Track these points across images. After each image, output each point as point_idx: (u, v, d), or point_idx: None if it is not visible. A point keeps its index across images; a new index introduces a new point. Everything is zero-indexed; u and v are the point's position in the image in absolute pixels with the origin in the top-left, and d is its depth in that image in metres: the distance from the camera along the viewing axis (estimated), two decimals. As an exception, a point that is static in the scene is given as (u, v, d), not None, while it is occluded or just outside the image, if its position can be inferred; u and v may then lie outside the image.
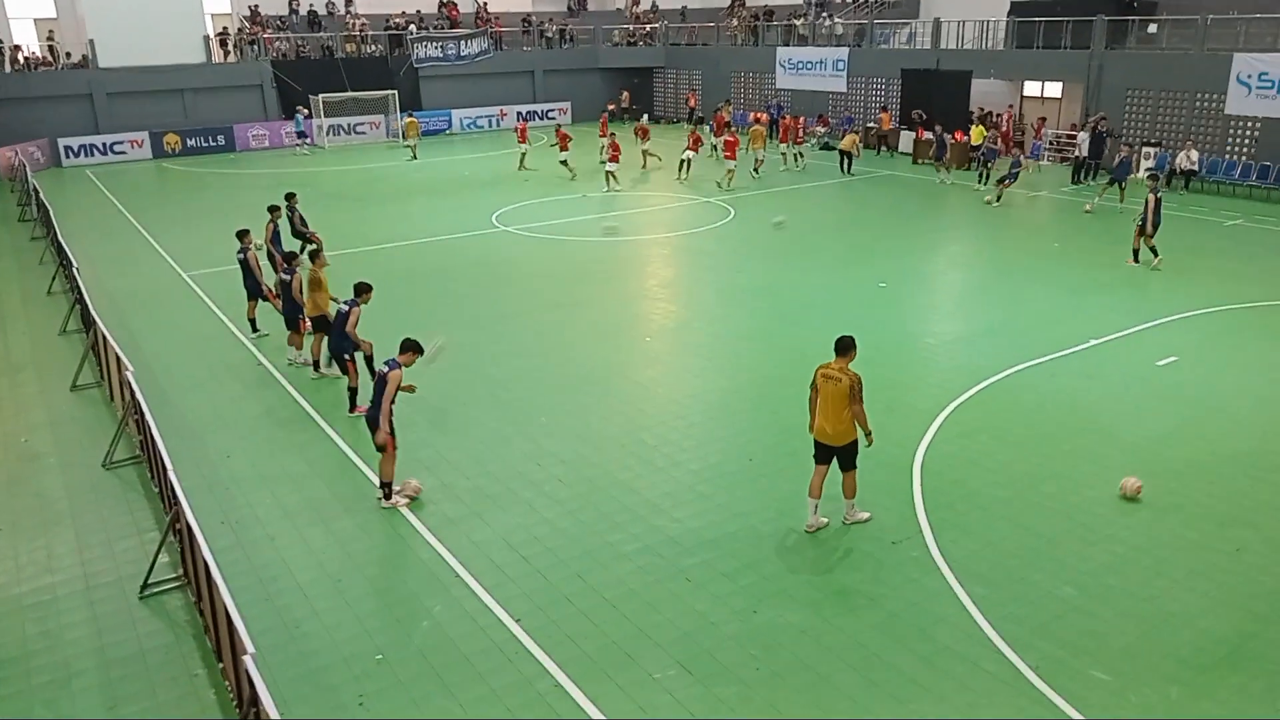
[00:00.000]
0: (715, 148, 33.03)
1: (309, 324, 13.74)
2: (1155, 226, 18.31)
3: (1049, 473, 10.50)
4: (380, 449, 9.89)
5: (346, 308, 12.16)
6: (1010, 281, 18.08)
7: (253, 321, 15.59)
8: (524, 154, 31.98)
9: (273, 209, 17.34)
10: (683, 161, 29.32)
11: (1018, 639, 7.68)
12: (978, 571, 8.63)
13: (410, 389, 10.32)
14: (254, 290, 15.25)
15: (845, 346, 9.14)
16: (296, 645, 7.85)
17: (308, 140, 38.67)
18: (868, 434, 9.14)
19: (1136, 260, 18.82)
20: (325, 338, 13.25)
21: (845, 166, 30.21)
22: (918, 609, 8.14)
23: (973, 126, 31.50)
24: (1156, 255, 18.47)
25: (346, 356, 12.34)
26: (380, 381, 9.80)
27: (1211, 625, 7.88)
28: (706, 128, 35.54)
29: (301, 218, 19.46)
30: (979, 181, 27.45)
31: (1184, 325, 15.24)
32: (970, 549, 9.01)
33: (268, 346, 15.03)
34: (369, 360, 12.75)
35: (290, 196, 19.53)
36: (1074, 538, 9.19)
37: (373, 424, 9.84)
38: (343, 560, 9.07)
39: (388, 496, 10.07)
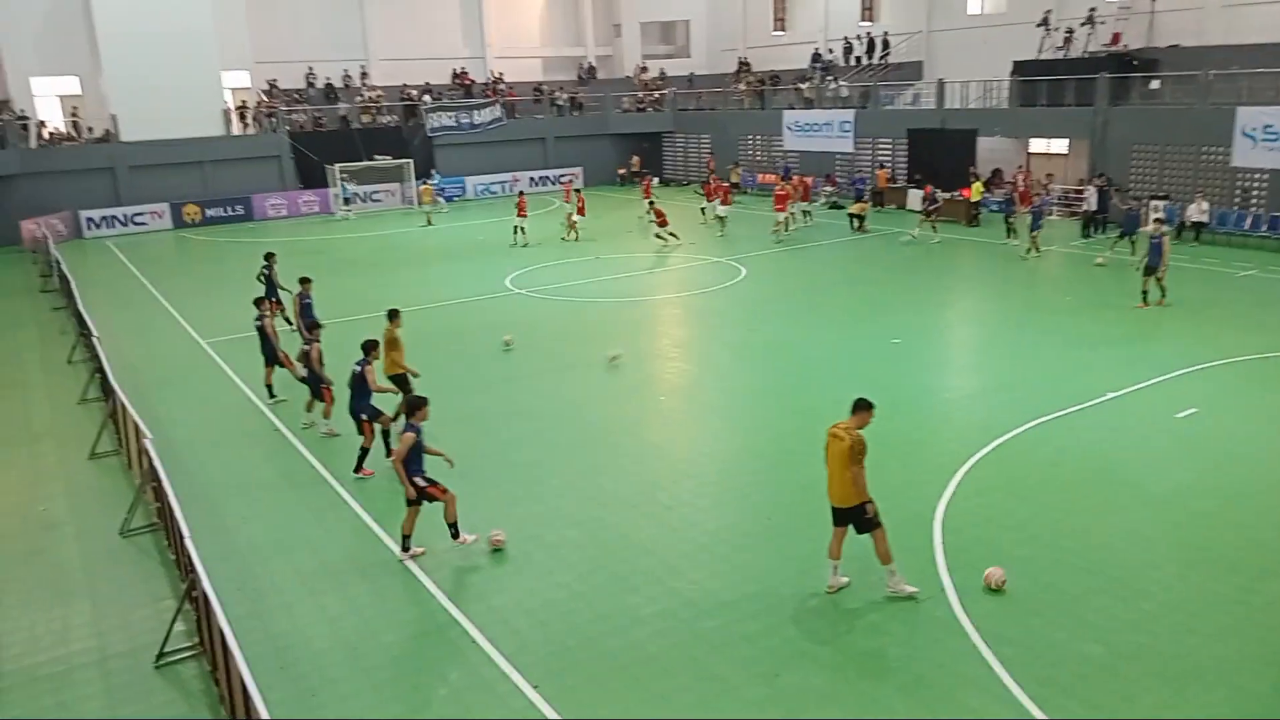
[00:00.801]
0: (703, 211, 33.73)
1: (332, 392, 13.83)
2: (1164, 266, 19.12)
3: (1070, 528, 10.36)
4: (427, 499, 10.14)
5: (359, 368, 12.26)
6: (1024, 336, 18.06)
7: (269, 387, 15.70)
8: (522, 228, 31.11)
9: (303, 280, 17.28)
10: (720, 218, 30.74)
11: (1047, 700, 7.51)
12: (1003, 631, 8.47)
13: (447, 461, 10.71)
14: (271, 356, 15.39)
15: (856, 407, 9.01)
16: (313, 714, 7.75)
17: (350, 208, 39.60)
18: (865, 501, 8.79)
19: (1146, 303, 19.25)
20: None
21: (855, 226, 30.52)
22: (944, 671, 7.98)
23: (973, 183, 31.69)
24: (1164, 294, 19.25)
25: (364, 417, 12.40)
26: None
27: (1246, 683, 7.68)
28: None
29: (276, 278, 19.80)
30: (1007, 235, 27.48)
31: (1201, 377, 15.15)
32: (994, 608, 8.86)
33: (285, 412, 15.10)
34: (385, 434, 12.81)
35: (269, 256, 20.06)
36: (1100, 594, 9.03)
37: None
38: (359, 627, 8.99)
39: (405, 549, 10.29)
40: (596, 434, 13.83)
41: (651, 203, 31.24)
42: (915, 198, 34.09)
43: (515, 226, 30.80)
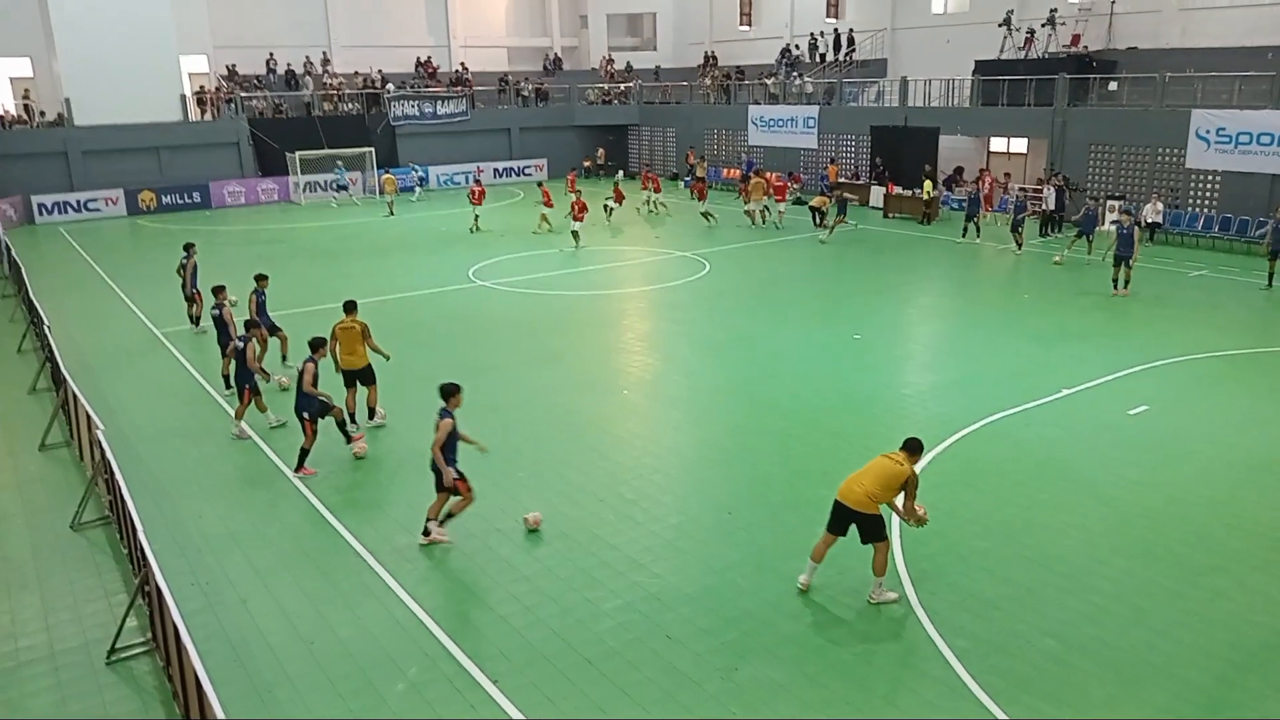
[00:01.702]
0: (648, 202, 34.69)
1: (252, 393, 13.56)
2: (1135, 255, 20.43)
3: (1026, 522, 10.53)
4: (452, 491, 10.12)
5: (300, 366, 12.14)
6: (982, 332, 18.31)
7: (226, 379, 15.43)
8: (477, 215, 31.63)
9: (259, 278, 16.56)
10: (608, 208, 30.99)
11: (1001, 692, 7.63)
12: (959, 624, 8.60)
13: (480, 448, 10.74)
14: (228, 347, 15.15)
15: (914, 448, 8.97)
16: (268, 711, 7.66)
17: (347, 192, 39.60)
18: (917, 520, 8.99)
19: (1117, 289, 20.64)
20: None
21: (818, 221, 30.69)
22: (900, 663, 8.09)
23: (924, 181, 31.98)
24: (1128, 284, 20.55)
25: (305, 416, 12.14)
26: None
27: (1192, 675, 7.87)
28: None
29: (194, 271, 19.08)
30: (963, 235, 27.84)
31: (1153, 374, 15.46)
32: (951, 601, 8.98)
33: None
34: (342, 425, 12.71)
35: (189, 247, 19.42)
36: (1053, 588, 9.19)
37: (435, 470, 10.13)
38: (315, 621, 8.90)
39: (426, 534, 10.30)
40: (561, 427, 13.80)
41: (580, 191, 30.70)
42: (878, 194, 34.44)
43: (475, 216, 30.82)
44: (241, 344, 13.49)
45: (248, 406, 13.62)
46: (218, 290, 15.69)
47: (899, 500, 8.90)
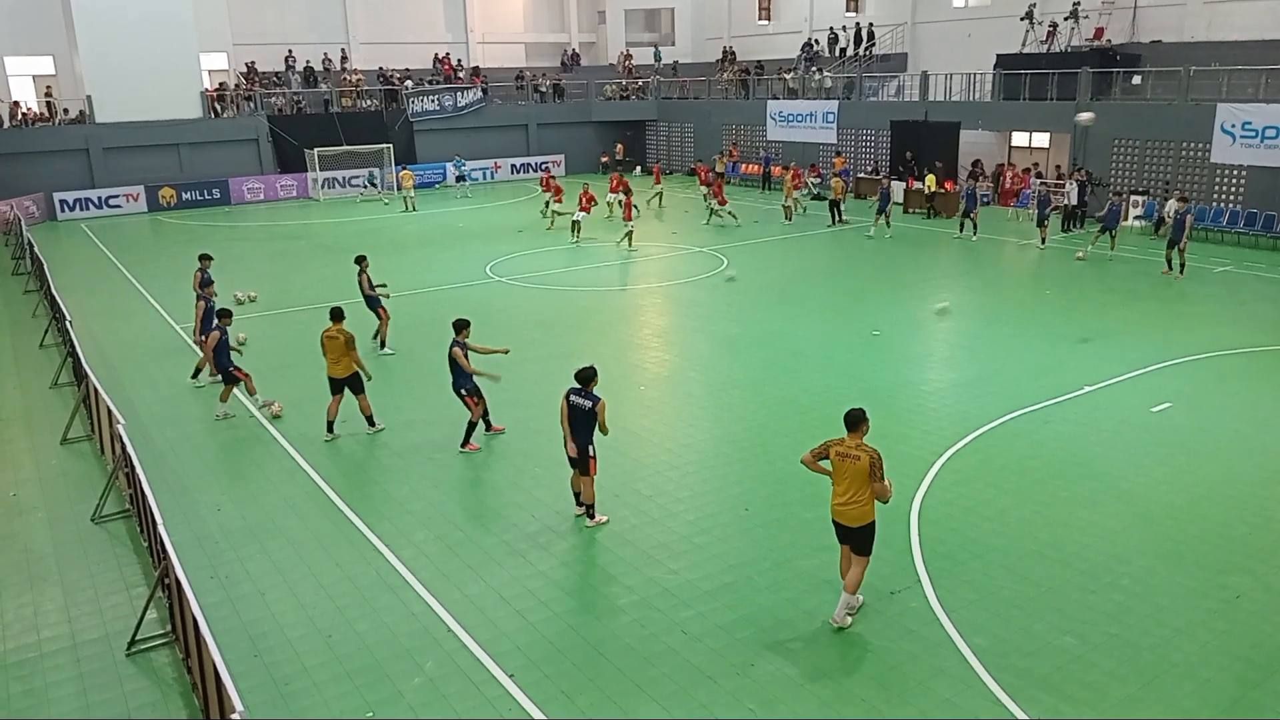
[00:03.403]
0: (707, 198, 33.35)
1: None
2: (1185, 240, 21.57)
3: (1046, 520, 10.44)
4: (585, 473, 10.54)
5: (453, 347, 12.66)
6: (1003, 329, 18.16)
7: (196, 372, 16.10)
8: (550, 203, 31.35)
9: (203, 257, 17.75)
10: (575, 223, 28.44)
11: (1019, 691, 7.57)
12: (977, 622, 8.53)
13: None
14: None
15: (856, 420, 8.32)
16: (286, 703, 7.70)
17: (376, 189, 40.02)
18: (873, 521, 8.44)
19: (1170, 269, 21.86)
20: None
21: (836, 216, 30.49)
22: (918, 661, 8.03)
23: (927, 175, 31.63)
24: (1183, 269, 21.66)
25: (464, 393, 12.75)
26: (587, 414, 10.41)
27: (1212, 676, 7.77)
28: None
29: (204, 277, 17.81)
30: (960, 230, 27.60)
31: (1176, 371, 15.28)
32: (969, 599, 8.91)
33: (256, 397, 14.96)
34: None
35: (205, 258, 18.08)
36: (1073, 586, 9.10)
37: (581, 455, 10.46)
38: (333, 615, 8.94)
39: (591, 516, 10.66)
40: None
41: (586, 185, 30.03)
42: (899, 190, 34.20)
43: (548, 204, 30.91)
44: (218, 333, 14.16)
45: (231, 390, 14.29)
46: (205, 284, 16.40)
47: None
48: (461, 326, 12.84)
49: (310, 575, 9.67)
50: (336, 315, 13.39)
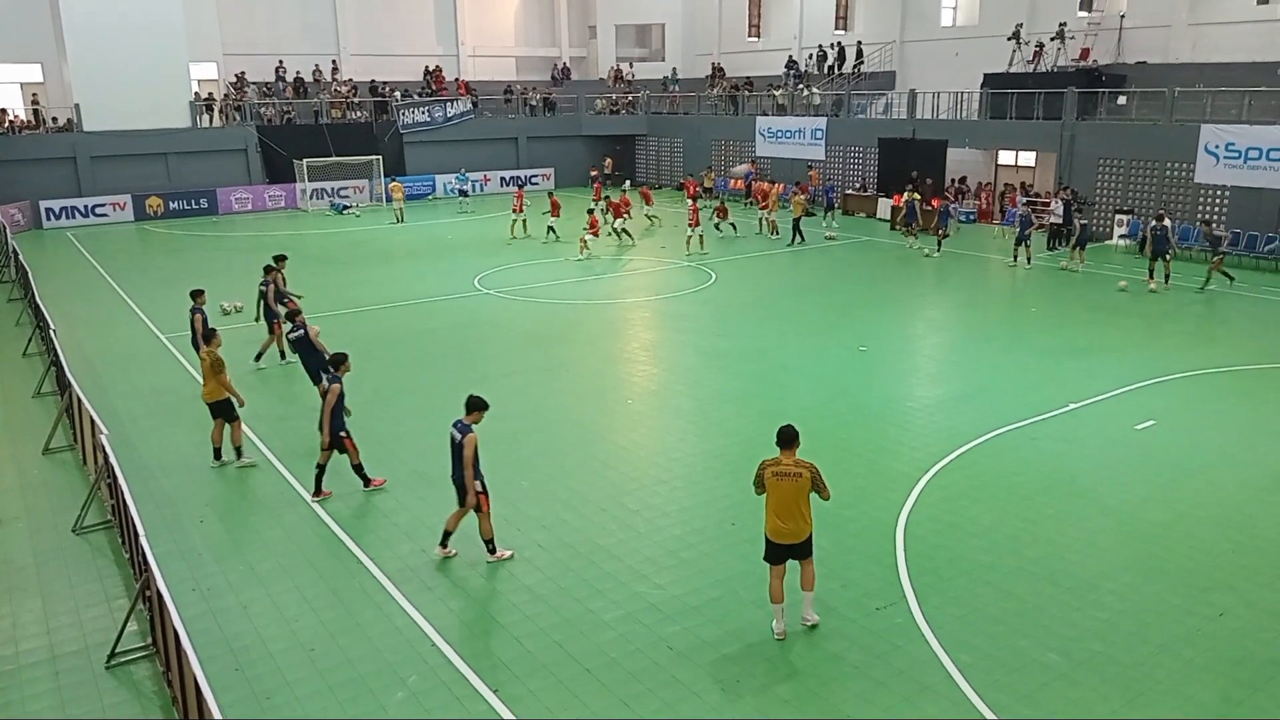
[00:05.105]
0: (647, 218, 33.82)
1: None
2: (1172, 251, 22.74)
3: (1031, 536, 10.46)
4: (476, 510, 9.88)
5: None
6: (989, 346, 18.25)
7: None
8: (523, 221, 31.50)
9: (195, 294, 15.47)
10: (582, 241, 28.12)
11: (1004, 707, 7.57)
12: (963, 638, 8.53)
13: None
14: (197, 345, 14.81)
15: (791, 437, 8.50)
16: (268, 717, 7.62)
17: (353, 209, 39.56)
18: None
19: (1152, 279, 22.76)
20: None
21: (794, 237, 29.75)
22: (903, 677, 8.02)
23: (906, 190, 31.81)
24: (1168, 279, 22.67)
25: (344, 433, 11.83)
26: (457, 447, 9.78)
27: (1196, 693, 7.79)
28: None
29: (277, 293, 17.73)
30: (937, 247, 27.72)
31: (1161, 389, 15.38)
32: (955, 615, 8.92)
33: (245, 412, 14.85)
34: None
35: (272, 264, 17.93)
36: (1058, 603, 9.12)
37: (459, 486, 9.86)
38: (316, 628, 8.87)
39: (492, 552, 10.07)
40: (565, 437, 13.77)
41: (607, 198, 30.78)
42: (885, 206, 34.39)
43: (549, 227, 30.76)
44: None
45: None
46: (196, 294, 15.39)
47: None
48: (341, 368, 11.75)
49: (294, 588, 9.60)
50: (208, 337, 12.76)
